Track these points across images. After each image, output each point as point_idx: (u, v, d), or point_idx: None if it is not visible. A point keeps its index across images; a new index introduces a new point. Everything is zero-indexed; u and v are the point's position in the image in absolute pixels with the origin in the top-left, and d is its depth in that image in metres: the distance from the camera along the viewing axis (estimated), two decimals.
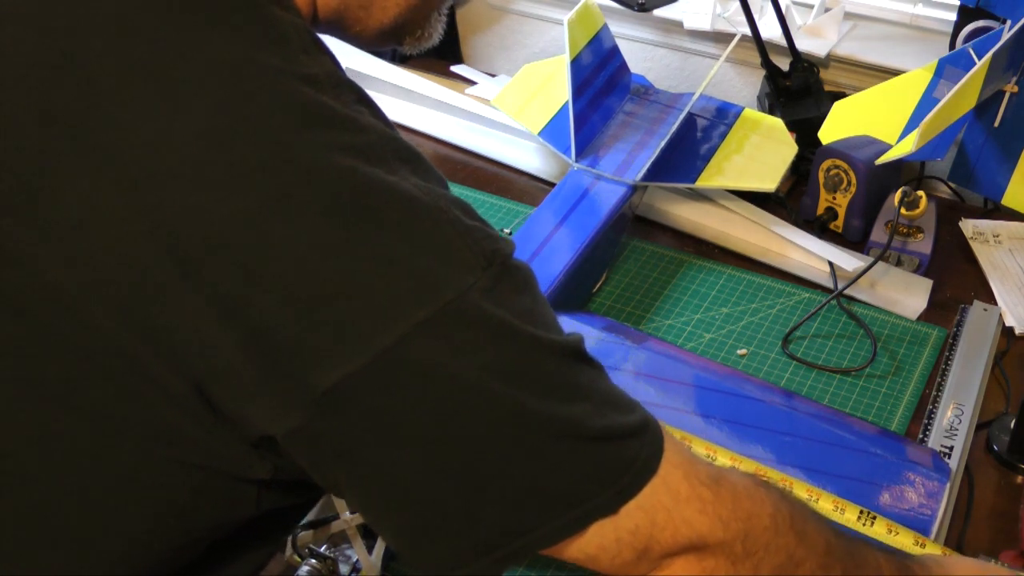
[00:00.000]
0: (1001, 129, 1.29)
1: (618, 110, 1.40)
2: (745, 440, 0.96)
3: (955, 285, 1.24)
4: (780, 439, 0.96)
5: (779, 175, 1.29)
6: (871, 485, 0.92)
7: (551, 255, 1.14)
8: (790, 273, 1.26)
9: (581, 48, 1.36)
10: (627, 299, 1.22)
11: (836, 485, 0.92)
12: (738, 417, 0.98)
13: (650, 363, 1.04)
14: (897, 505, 0.90)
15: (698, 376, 1.03)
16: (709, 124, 1.39)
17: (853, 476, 0.93)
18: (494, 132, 1.48)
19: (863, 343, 1.16)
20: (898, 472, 0.93)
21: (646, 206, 1.35)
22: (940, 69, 1.30)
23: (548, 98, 1.39)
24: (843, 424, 0.99)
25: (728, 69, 1.63)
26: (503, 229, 1.32)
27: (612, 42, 1.45)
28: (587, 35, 1.39)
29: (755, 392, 1.02)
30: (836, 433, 0.97)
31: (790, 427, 0.97)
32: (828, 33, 1.53)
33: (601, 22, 1.42)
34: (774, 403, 1.01)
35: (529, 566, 0.92)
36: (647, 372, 1.03)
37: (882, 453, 0.95)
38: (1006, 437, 1.03)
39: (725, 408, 0.99)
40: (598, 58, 1.40)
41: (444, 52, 1.75)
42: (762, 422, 0.98)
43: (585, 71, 1.37)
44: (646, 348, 1.07)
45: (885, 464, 0.94)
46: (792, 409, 1.00)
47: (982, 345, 1.14)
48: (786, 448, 0.95)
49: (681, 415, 0.99)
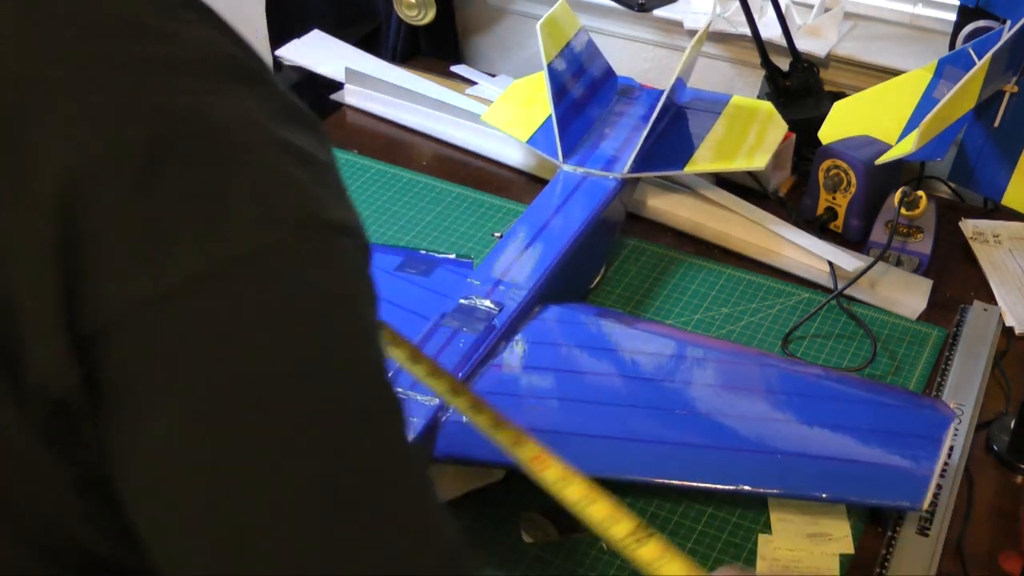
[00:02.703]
0: (1001, 129, 1.29)
1: (605, 111, 1.41)
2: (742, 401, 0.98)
3: (955, 285, 1.24)
4: (776, 397, 0.98)
5: (769, 153, 1.29)
6: (873, 433, 0.94)
7: (541, 249, 1.15)
8: (790, 273, 1.26)
9: (557, 52, 1.38)
10: (627, 299, 1.22)
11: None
12: (734, 383, 1.00)
13: (639, 340, 1.06)
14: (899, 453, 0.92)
15: (692, 348, 1.05)
16: (697, 114, 1.40)
17: (855, 426, 0.95)
18: (494, 132, 1.48)
19: (863, 343, 1.16)
20: (902, 418, 0.95)
21: (645, 206, 1.35)
22: (940, 69, 1.30)
23: (534, 110, 1.40)
24: (842, 379, 1.02)
25: (728, 69, 1.63)
26: (494, 233, 1.32)
27: (592, 46, 1.46)
28: (562, 39, 1.40)
29: (750, 356, 1.05)
30: (835, 387, 0.99)
31: (787, 385, 0.99)
32: (828, 33, 1.53)
33: (577, 26, 1.43)
34: (771, 366, 1.03)
35: (527, 566, 0.92)
36: (636, 349, 1.04)
37: (885, 401, 0.97)
38: (1006, 437, 1.03)
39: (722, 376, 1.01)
40: (577, 61, 1.41)
41: (444, 52, 1.75)
42: (760, 384, 1.00)
43: (564, 75, 1.38)
44: (635, 328, 1.08)
45: (888, 411, 0.96)
46: (788, 368, 1.03)
47: (982, 345, 1.14)
48: (785, 406, 0.97)
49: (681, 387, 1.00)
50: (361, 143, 1.51)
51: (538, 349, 1.05)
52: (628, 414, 0.97)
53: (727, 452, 0.93)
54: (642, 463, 0.93)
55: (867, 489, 0.91)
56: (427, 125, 1.53)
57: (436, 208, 1.38)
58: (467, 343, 1.02)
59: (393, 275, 1.14)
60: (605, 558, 0.93)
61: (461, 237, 1.32)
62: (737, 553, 0.94)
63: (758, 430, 0.95)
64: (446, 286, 1.11)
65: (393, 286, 1.12)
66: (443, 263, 1.16)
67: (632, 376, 1.01)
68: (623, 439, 0.95)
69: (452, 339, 1.03)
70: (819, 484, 0.91)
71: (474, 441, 0.95)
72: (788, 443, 0.93)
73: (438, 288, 1.11)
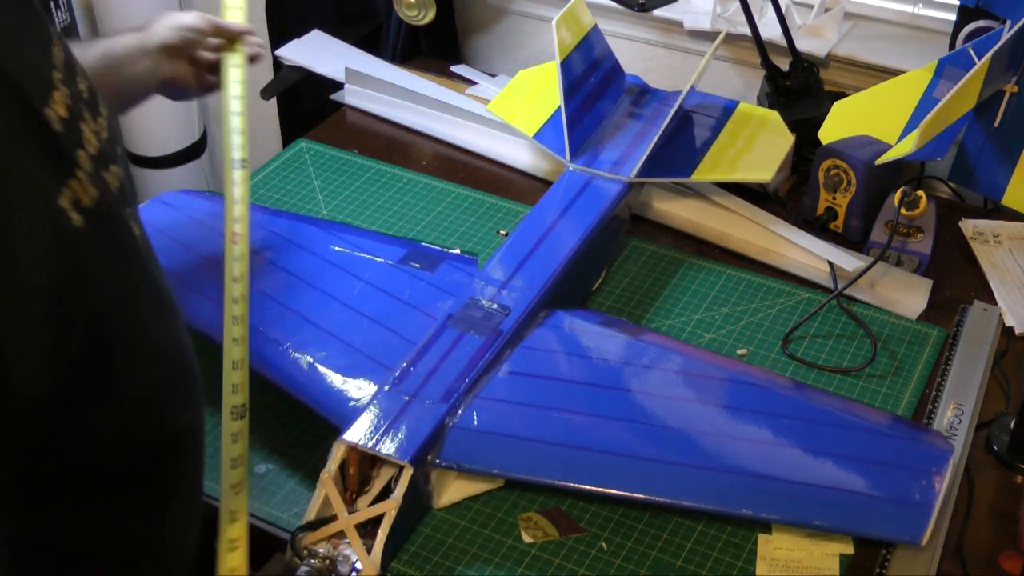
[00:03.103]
0: (1001, 129, 1.29)
1: (612, 110, 1.41)
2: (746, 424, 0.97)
3: (955, 285, 1.24)
4: (781, 422, 0.97)
5: (775, 165, 1.29)
6: (874, 464, 0.94)
7: (547, 253, 1.14)
8: (790, 273, 1.26)
9: (571, 49, 1.37)
10: (627, 299, 1.22)
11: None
12: (739, 403, 1.00)
13: (648, 355, 1.05)
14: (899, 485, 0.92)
15: (700, 366, 1.04)
16: (704, 120, 1.39)
17: (856, 456, 0.95)
18: (494, 132, 1.48)
19: (863, 343, 1.16)
20: (902, 450, 0.95)
21: (646, 206, 1.35)
22: (940, 69, 1.30)
23: (542, 102, 1.40)
24: (845, 407, 1.01)
25: (728, 69, 1.63)
26: (499, 231, 1.32)
27: (604, 43, 1.45)
28: (577, 36, 1.39)
29: (757, 378, 1.04)
30: (838, 415, 0.99)
31: (793, 411, 0.99)
32: (828, 33, 1.53)
33: (591, 23, 1.43)
34: (776, 389, 1.02)
35: (528, 565, 0.92)
36: (644, 364, 1.04)
37: (886, 432, 0.97)
38: (1006, 437, 1.03)
39: (725, 395, 1.01)
40: (589, 59, 1.41)
41: (444, 52, 1.75)
42: (766, 407, 0.99)
43: (576, 72, 1.38)
44: (644, 341, 1.08)
45: (889, 442, 0.96)
46: (794, 394, 1.02)
47: (982, 345, 1.14)
48: (789, 431, 0.97)
49: (681, 404, 1.00)
50: (361, 143, 1.51)
51: (543, 358, 1.04)
52: (631, 430, 0.97)
53: (730, 475, 0.93)
54: (643, 481, 0.93)
55: (867, 521, 0.91)
56: (427, 125, 1.53)
57: (436, 208, 1.38)
58: (474, 347, 1.02)
59: (396, 267, 1.13)
60: (605, 558, 0.93)
61: (461, 237, 1.32)
62: (737, 553, 0.94)
63: (762, 454, 0.95)
64: (451, 284, 1.10)
65: (396, 279, 1.12)
66: (448, 258, 1.15)
67: (637, 391, 1.01)
68: (625, 456, 0.95)
69: (459, 342, 1.02)
70: (819, 513, 0.91)
71: (478, 451, 0.95)
72: (790, 469, 0.93)
73: (443, 285, 1.10)
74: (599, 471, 0.94)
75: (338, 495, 0.90)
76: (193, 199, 1.26)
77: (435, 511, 0.97)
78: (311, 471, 1.01)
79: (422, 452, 0.92)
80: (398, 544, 0.93)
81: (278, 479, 1.01)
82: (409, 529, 0.95)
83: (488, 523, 0.97)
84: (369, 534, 0.89)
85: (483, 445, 0.95)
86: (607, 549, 0.94)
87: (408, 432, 0.93)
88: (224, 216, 0.92)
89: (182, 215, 1.22)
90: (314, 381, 1.00)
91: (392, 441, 0.92)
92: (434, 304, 1.07)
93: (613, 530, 0.96)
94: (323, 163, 1.46)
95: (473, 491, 0.98)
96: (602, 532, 0.96)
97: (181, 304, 0.75)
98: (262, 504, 0.99)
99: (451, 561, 0.93)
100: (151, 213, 1.20)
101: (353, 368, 1.01)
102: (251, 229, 1.17)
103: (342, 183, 1.42)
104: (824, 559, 0.92)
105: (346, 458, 0.92)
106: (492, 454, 0.95)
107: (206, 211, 1.22)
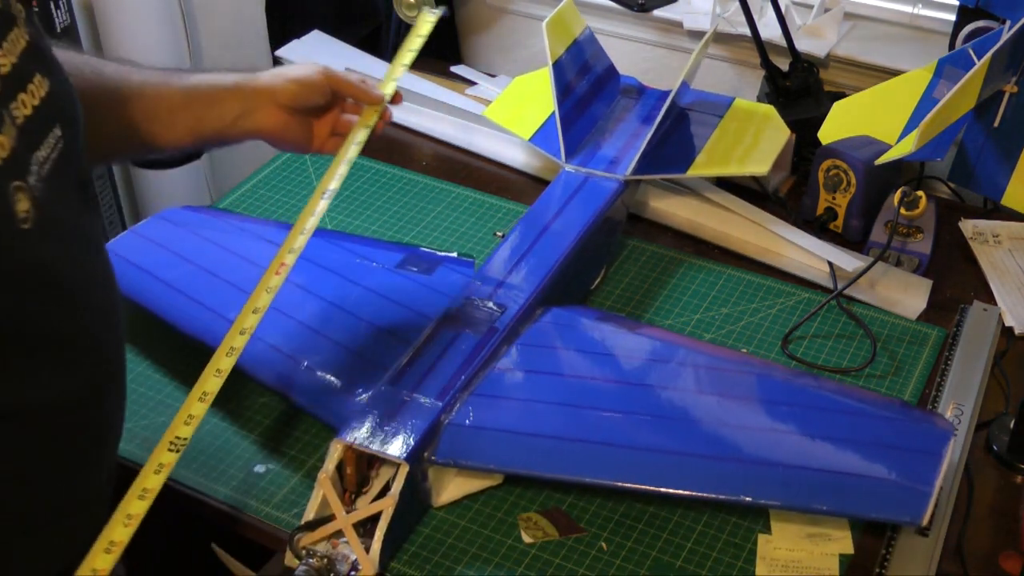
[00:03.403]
0: (1001, 129, 1.29)
1: (608, 111, 1.41)
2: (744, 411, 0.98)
3: (955, 285, 1.24)
4: (778, 408, 0.97)
5: (771, 158, 1.29)
6: (873, 446, 0.94)
7: (543, 251, 1.15)
8: (790, 273, 1.26)
9: (563, 50, 1.37)
10: (627, 299, 1.22)
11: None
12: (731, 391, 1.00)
13: (644, 347, 1.05)
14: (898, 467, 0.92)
15: (697, 356, 1.04)
16: (700, 116, 1.40)
17: (855, 439, 0.95)
18: (494, 133, 1.48)
19: (863, 343, 1.16)
20: (902, 431, 0.95)
21: (645, 206, 1.35)
22: (940, 69, 1.30)
23: (538, 106, 1.40)
24: (843, 390, 1.02)
25: (728, 69, 1.63)
26: (496, 232, 1.32)
27: (596, 45, 1.45)
28: (569, 38, 1.40)
29: (754, 366, 1.04)
30: (836, 399, 0.99)
31: (789, 396, 0.99)
32: (828, 33, 1.53)
33: (583, 25, 1.43)
34: (772, 375, 1.02)
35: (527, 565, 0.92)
36: (640, 355, 1.04)
37: (885, 414, 0.97)
38: (1006, 437, 1.03)
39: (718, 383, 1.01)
40: (582, 60, 1.41)
41: (444, 52, 1.75)
42: (763, 395, 0.99)
43: (569, 73, 1.38)
44: (639, 334, 1.08)
45: (888, 424, 0.96)
46: (791, 379, 1.02)
47: (982, 345, 1.14)
48: (787, 417, 0.97)
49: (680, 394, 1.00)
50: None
51: (539, 353, 1.04)
52: (629, 421, 0.97)
53: (729, 462, 0.93)
54: (642, 471, 0.93)
55: (867, 503, 0.91)
56: (427, 125, 1.53)
57: (436, 208, 1.38)
58: (469, 345, 1.02)
59: (394, 272, 1.14)
60: (605, 558, 0.93)
61: (461, 237, 1.32)
62: (737, 553, 0.94)
63: (760, 441, 0.95)
64: (448, 285, 1.11)
65: (394, 283, 1.12)
66: (445, 261, 1.16)
67: (634, 383, 1.01)
68: (624, 446, 0.95)
69: (455, 340, 1.03)
70: (820, 496, 0.91)
71: (475, 447, 0.95)
72: (789, 454, 0.93)
73: (439, 287, 1.11)
74: (597, 463, 0.94)
75: (335, 495, 0.90)
76: (192, 215, 1.28)
77: (434, 511, 0.97)
78: (310, 471, 1.01)
79: (418, 450, 0.92)
80: (397, 543, 0.93)
81: (278, 479, 1.01)
82: (408, 529, 0.95)
83: (488, 523, 0.97)
84: (368, 533, 0.89)
85: (480, 441, 0.95)
86: (607, 549, 0.94)
87: (404, 430, 0.93)
88: (231, 227, 0.90)
89: (182, 229, 1.24)
90: (311, 384, 1.01)
91: (388, 439, 0.92)
92: (430, 305, 1.07)
93: (613, 530, 0.96)
94: (323, 163, 1.46)
95: (472, 488, 0.98)
96: (602, 532, 0.96)
97: (180, 315, 0.73)
98: (262, 504, 0.99)
99: (451, 561, 0.93)
100: (153, 230, 1.23)
101: (349, 369, 1.01)
102: (249, 240, 1.19)
103: (342, 183, 1.42)
104: (824, 559, 0.92)
105: (343, 458, 0.92)
106: (489, 450, 0.95)
107: (204, 225, 1.25)
